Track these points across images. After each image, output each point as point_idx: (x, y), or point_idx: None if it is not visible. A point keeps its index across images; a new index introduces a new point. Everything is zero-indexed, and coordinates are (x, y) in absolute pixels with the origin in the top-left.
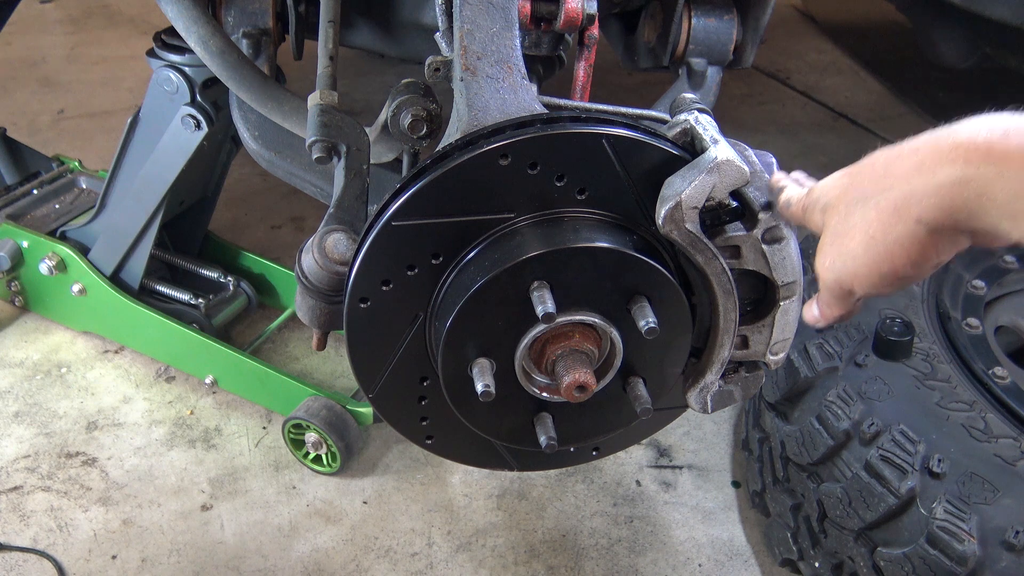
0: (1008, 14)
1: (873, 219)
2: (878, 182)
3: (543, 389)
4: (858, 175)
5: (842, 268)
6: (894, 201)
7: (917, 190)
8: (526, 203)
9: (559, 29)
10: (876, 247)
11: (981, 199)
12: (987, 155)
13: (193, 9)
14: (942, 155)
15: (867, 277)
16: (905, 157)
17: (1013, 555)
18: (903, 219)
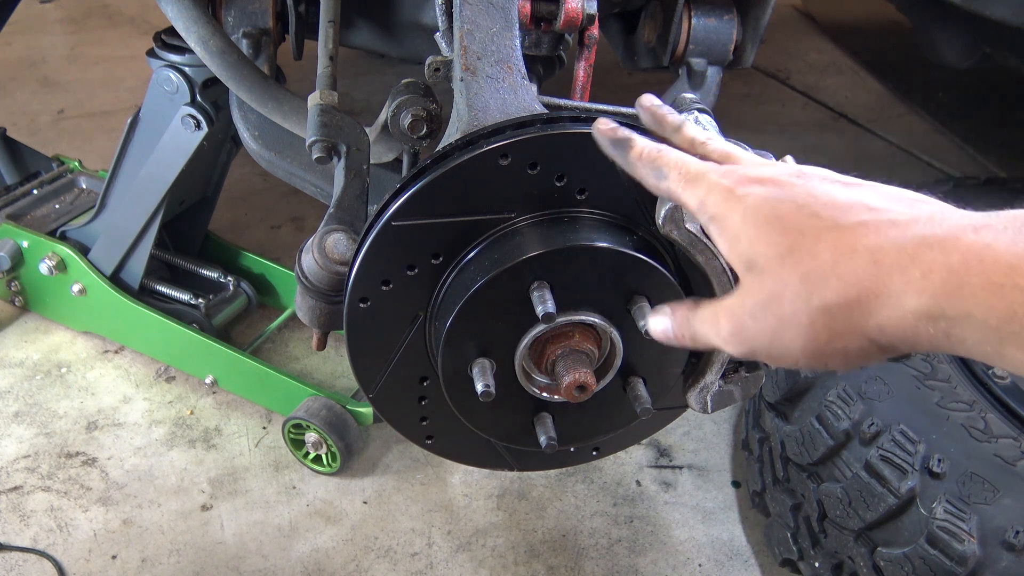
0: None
1: (820, 322)
2: (828, 254)
3: (543, 389)
4: (796, 219)
5: (761, 350)
6: (851, 311)
7: (884, 311)
8: (526, 203)
9: (559, 29)
10: (818, 352)
11: (951, 339)
12: (957, 290)
13: (193, 9)
14: (912, 276)
15: (790, 363)
16: (860, 253)
17: (1013, 555)
18: (858, 336)
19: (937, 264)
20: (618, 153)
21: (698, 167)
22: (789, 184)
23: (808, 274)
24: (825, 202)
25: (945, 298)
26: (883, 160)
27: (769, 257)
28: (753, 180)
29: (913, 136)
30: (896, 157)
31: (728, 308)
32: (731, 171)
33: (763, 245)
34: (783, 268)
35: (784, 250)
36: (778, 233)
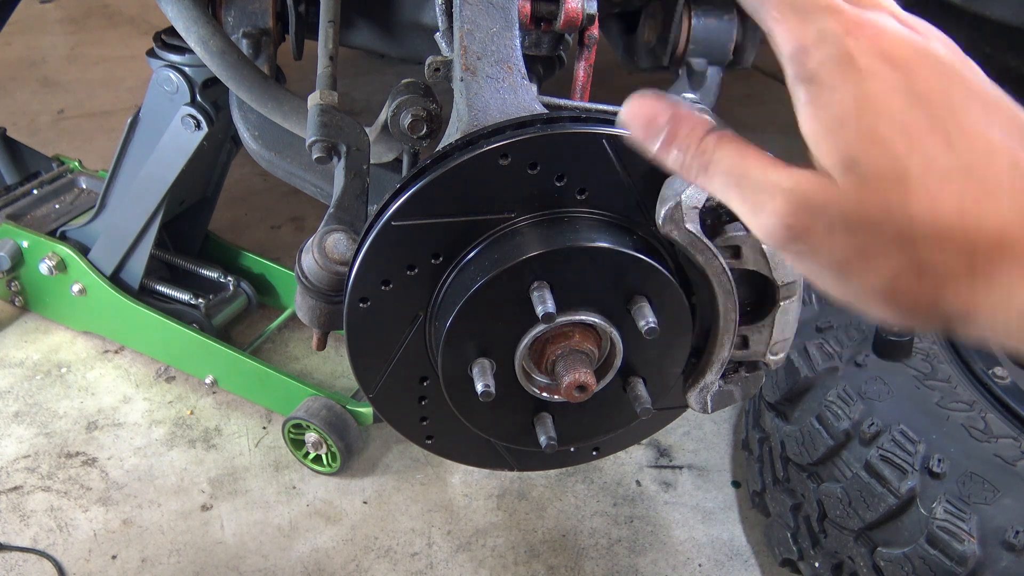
0: (1008, 14)
1: (909, 276)
2: (953, 203)
3: (543, 389)
4: (924, 140)
5: (815, 266)
6: (956, 282)
7: (988, 297)
8: (526, 203)
9: (559, 29)
10: (887, 300)
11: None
12: None
13: (193, 9)
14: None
15: (838, 294)
16: (988, 217)
17: (1013, 555)
18: (937, 311)
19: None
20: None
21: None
22: (927, 83)
23: (922, 217)
24: (967, 132)
25: None
26: None
27: (884, 171)
28: (887, 55)
29: None
30: None
31: (798, 194)
32: (860, 23)
33: (880, 152)
34: (896, 193)
35: (904, 172)
36: (904, 146)
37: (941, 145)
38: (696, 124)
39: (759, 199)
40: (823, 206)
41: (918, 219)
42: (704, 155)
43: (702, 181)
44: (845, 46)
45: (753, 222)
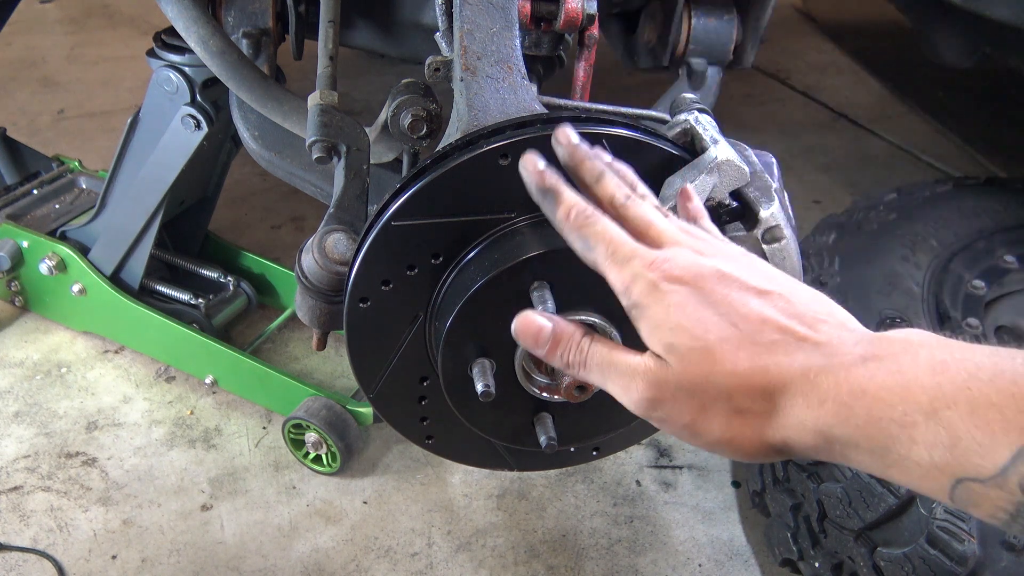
0: (1008, 14)
1: (736, 422)
2: (746, 365)
3: (543, 389)
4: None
5: (674, 427)
6: (763, 421)
7: (790, 427)
8: (526, 203)
9: (559, 29)
10: (729, 444)
11: (846, 458)
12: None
13: (193, 9)
14: (811, 402)
15: (700, 445)
16: (772, 372)
17: (1013, 555)
18: (764, 441)
19: (831, 394)
20: (545, 203)
21: (626, 250)
22: (710, 290)
23: (729, 376)
24: (743, 314)
25: (837, 426)
26: (883, 160)
27: (692, 348)
28: (676, 279)
29: (913, 136)
30: (896, 157)
31: (648, 375)
32: (657, 262)
33: (686, 337)
34: (706, 362)
35: (706, 347)
36: (701, 331)
37: (728, 327)
38: (573, 332)
39: (625, 382)
40: (666, 381)
41: (727, 377)
42: (581, 354)
43: (583, 374)
44: (649, 279)
45: (625, 398)
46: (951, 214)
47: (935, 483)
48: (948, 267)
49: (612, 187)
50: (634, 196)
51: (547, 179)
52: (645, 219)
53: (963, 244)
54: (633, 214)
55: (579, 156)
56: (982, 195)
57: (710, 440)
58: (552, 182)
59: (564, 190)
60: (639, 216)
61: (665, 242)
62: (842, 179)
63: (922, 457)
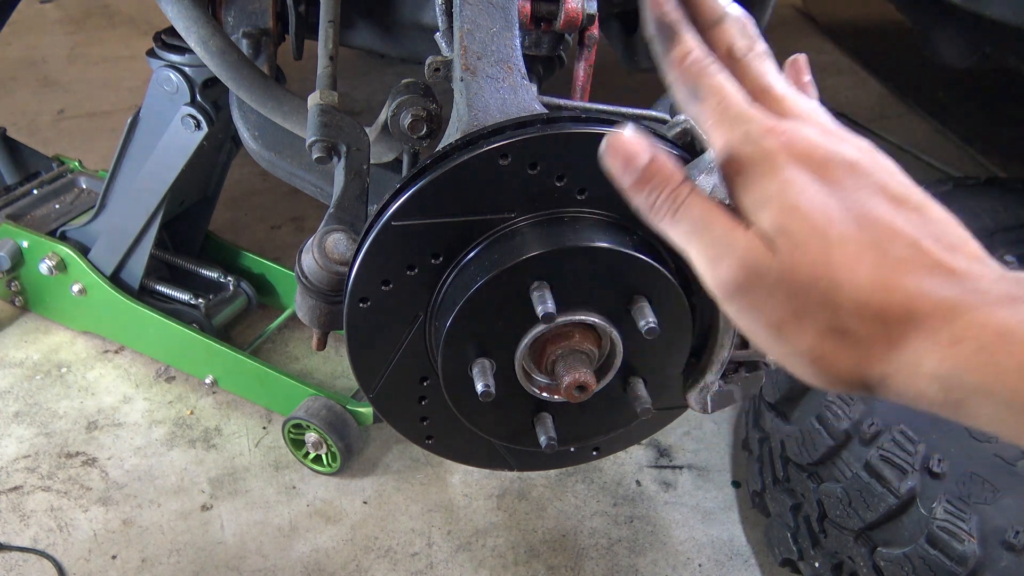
0: (1008, 14)
1: (831, 340)
2: (866, 276)
3: (543, 389)
4: (841, 223)
5: (754, 323)
6: (868, 346)
7: (899, 362)
8: (526, 203)
9: (559, 29)
10: (812, 362)
11: (960, 408)
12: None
13: (193, 9)
14: (940, 339)
15: (772, 351)
16: (897, 292)
17: (1013, 555)
18: (858, 370)
19: (970, 334)
20: (659, 40)
21: (741, 109)
22: (838, 180)
23: (844, 285)
24: (874, 218)
25: (970, 372)
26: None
27: (808, 239)
28: (800, 155)
29: (913, 136)
30: (896, 157)
31: (749, 254)
32: (777, 130)
33: (804, 223)
34: (821, 261)
35: (825, 242)
36: (822, 221)
37: (852, 226)
38: (672, 172)
39: (717, 253)
40: (767, 267)
41: (840, 285)
42: (676, 201)
43: (666, 224)
44: (764, 146)
45: (708, 271)
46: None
47: None
48: None
49: (734, 33)
50: (756, 51)
51: (668, 12)
52: (766, 79)
53: None
54: (755, 70)
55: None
56: (982, 195)
57: (793, 350)
58: (675, 17)
59: (685, 30)
60: (760, 73)
61: (788, 110)
62: None
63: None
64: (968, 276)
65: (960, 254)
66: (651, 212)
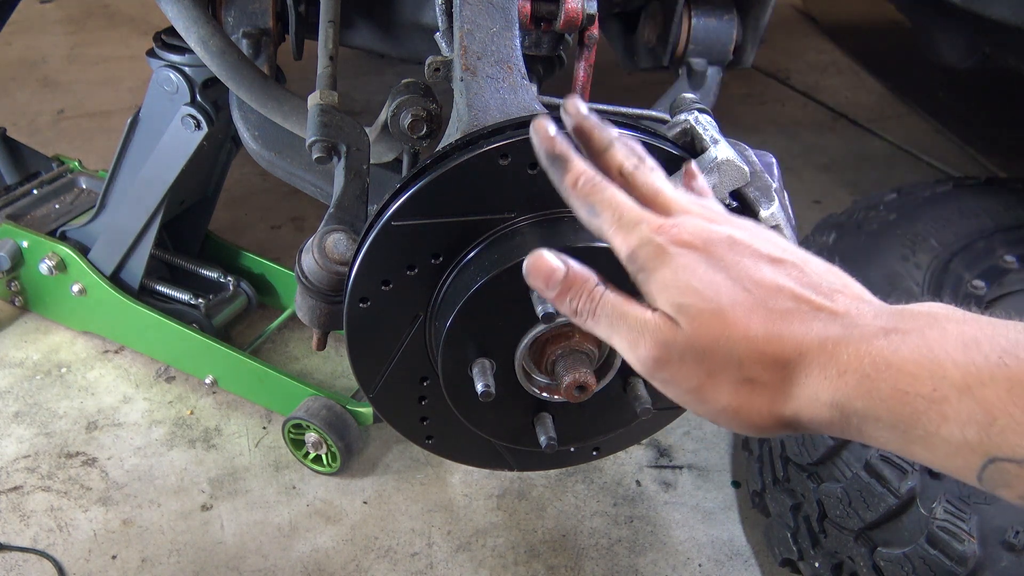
0: (1008, 14)
1: (744, 391)
2: (760, 331)
3: (543, 389)
4: (729, 290)
5: (678, 391)
6: (774, 391)
7: (803, 398)
8: (526, 203)
9: (559, 29)
10: (734, 415)
11: (863, 433)
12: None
13: (193, 9)
14: (829, 373)
15: (701, 413)
16: (787, 340)
17: (1013, 555)
18: (773, 413)
19: (851, 366)
20: (552, 170)
21: (632, 215)
22: (721, 256)
23: (740, 342)
24: (756, 280)
25: (858, 399)
26: (883, 160)
27: (703, 310)
28: (686, 243)
29: (913, 136)
30: (896, 157)
31: (657, 333)
32: (665, 227)
33: (697, 298)
34: (717, 325)
35: (718, 309)
36: (712, 293)
37: (740, 291)
38: (587, 278)
39: (634, 337)
40: (674, 341)
41: (738, 342)
42: (593, 301)
43: (590, 324)
44: (657, 243)
45: (630, 354)
46: (951, 214)
47: (963, 461)
48: (948, 267)
49: (621, 156)
50: (643, 166)
51: (557, 146)
52: (654, 187)
53: (963, 244)
54: (642, 182)
55: (589, 125)
56: (982, 195)
57: (715, 408)
58: (562, 149)
59: (574, 157)
60: (648, 184)
61: (674, 210)
62: (842, 179)
63: (952, 434)
64: (847, 314)
65: (840, 296)
66: (576, 316)
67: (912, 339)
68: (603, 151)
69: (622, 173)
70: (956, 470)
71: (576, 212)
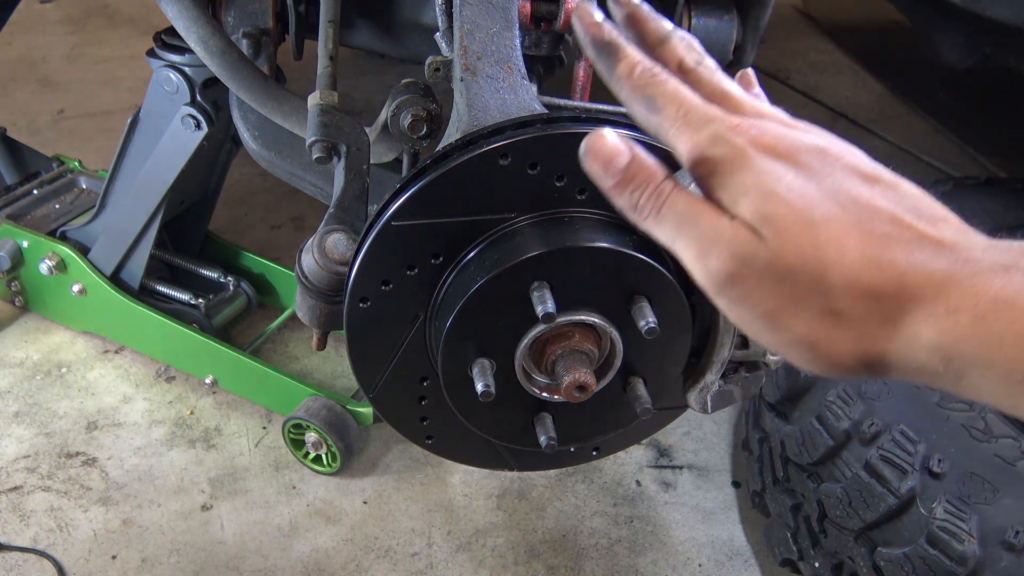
0: (1008, 14)
1: (829, 323)
2: (856, 255)
3: (543, 389)
4: (822, 203)
5: (748, 315)
6: (865, 325)
7: (898, 337)
8: (526, 203)
9: (559, 29)
10: (810, 348)
11: (961, 381)
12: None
13: (193, 9)
14: (936, 311)
15: (770, 343)
16: (887, 268)
17: (1013, 555)
18: (859, 350)
19: (965, 304)
20: (602, 61)
21: (703, 111)
22: (810, 165)
23: (833, 265)
24: (853, 197)
25: (968, 342)
26: (883, 160)
27: (792, 223)
28: (769, 147)
29: (913, 136)
30: (896, 157)
31: (736, 243)
32: (743, 127)
33: (785, 208)
34: (808, 243)
35: (810, 223)
36: (803, 205)
37: (833, 207)
38: (654, 169)
39: (705, 245)
40: (755, 255)
41: (829, 266)
42: (659, 198)
43: (651, 223)
44: (733, 142)
45: (698, 265)
46: None
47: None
48: None
49: (682, 50)
50: (705, 62)
51: (606, 32)
52: (721, 86)
53: None
54: (708, 80)
55: (642, 14)
56: (982, 195)
57: (790, 338)
58: (612, 36)
59: (626, 44)
60: (714, 82)
61: (747, 111)
62: None
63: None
64: (956, 247)
65: (945, 225)
66: (635, 211)
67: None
68: (660, 43)
69: (683, 68)
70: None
71: (631, 108)
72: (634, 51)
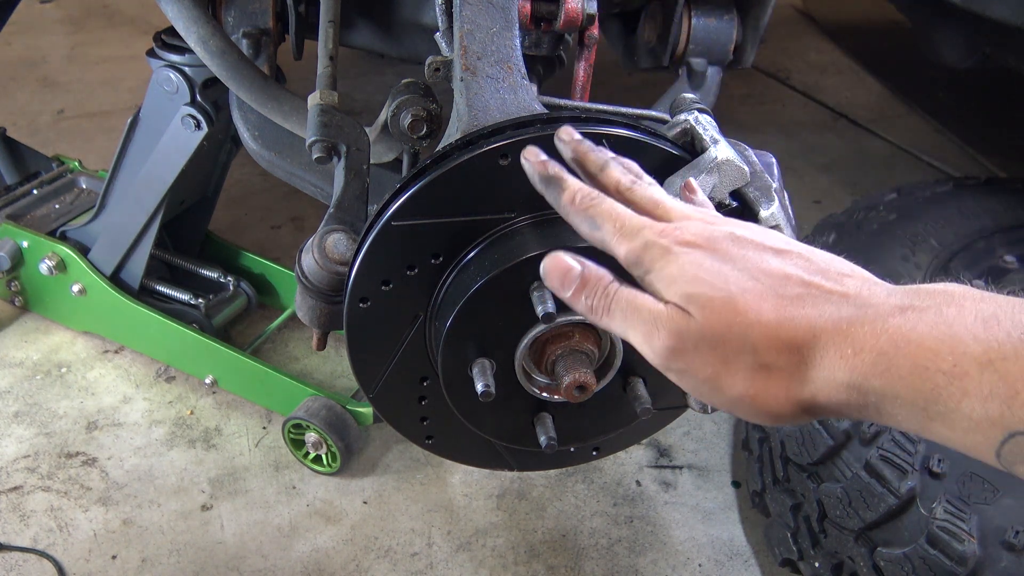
0: (1008, 14)
1: (760, 377)
2: (772, 317)
3: (543, 389)
4: (738, 279)
5: (694, 382)
6: (790, 375)
7: (819, 381)
8: (526, 203)
9: (559, 29)
10: (751, 402)
11: (881, 413)
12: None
13: (193, 9)
14: (845, 353)
15: (718, 404)
16: (800, 323)
17: (1013, 555)
18: (791, 398)
19: (868, 344)
20: (549, 193)
21: (634, 222)
22: (725, 250)
23: (753, 327)
24: (764, 270)
25: (875, 378)
26: (883, 160)
27: (712, 298)
28: (689, 243)
29: (913, 136)
30: (896, 157)
31: (670, 323)
32: (667, 230)
33: (706, 287)
34: (729, 312)
35: (728, 297)
36: (721, 282)
37: (749, 280)
38: (600, 276)
39: (648, 329)
40: (688, 330)
41: (751, 327)
42: (607, 298)
43: (605, 319)
44: (660, 243)
45: (646, 347)
46: (951, 214)
47: (983, 437)
48: (948, 267)
49: (617, 173)
50: (640, 181)
51: (549, 168)
52: (653, 199)
53: (963, 244)
54: (640, 196)
55: (583, 148)
56: (982, 195)
57: (732, 396)
58: (555, 170)
59: (567, 176)
60: (646, 197)
61: (675, 216)
62: (842, 179)
63: (973, 410)
64: (859, 295)
65: (849, 279)
66: (591, 313)
67: (929, 315)
68: (599, 171)
69: (619, 190)
70: (975, 446)
71: (577, 228)
72: (574, 181)
